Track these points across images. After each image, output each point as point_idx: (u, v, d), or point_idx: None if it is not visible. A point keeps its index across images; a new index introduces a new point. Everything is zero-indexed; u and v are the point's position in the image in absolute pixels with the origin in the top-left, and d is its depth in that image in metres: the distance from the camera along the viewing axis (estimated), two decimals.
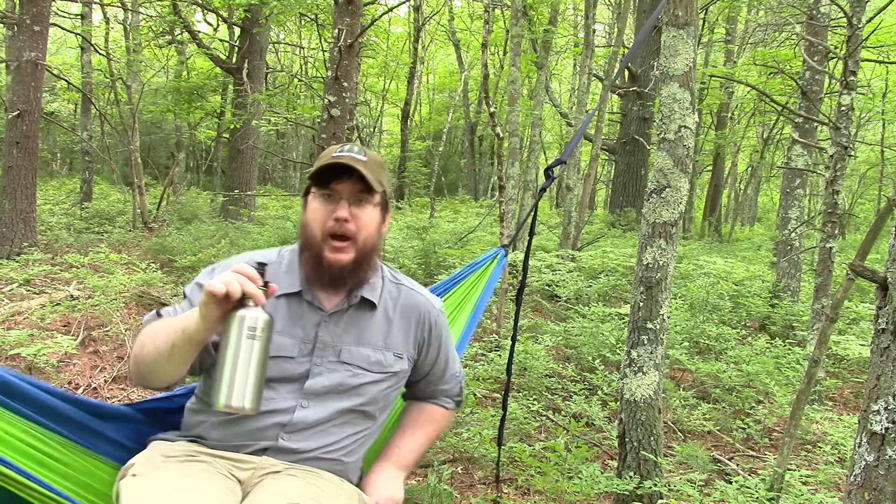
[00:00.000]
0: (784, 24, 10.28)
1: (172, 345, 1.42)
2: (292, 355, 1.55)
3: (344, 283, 1.58)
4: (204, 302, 1.35)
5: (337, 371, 1.57)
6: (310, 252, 1.58)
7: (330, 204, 1.56)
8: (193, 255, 7.49)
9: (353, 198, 1.56)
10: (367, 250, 1.59)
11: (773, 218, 18.82)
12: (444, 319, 1.79)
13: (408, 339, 1.68)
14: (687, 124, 2.74)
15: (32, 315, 4.80)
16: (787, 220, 6.74)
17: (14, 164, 7.00)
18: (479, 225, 11.07)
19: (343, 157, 1.54)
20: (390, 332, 1.66)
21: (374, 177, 1.55)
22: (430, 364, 1.76)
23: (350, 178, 1.54)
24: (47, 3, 7.20)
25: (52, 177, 18.23)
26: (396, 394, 1.74)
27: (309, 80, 14.37)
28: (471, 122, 20.85)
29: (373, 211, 1.59)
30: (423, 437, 1.78)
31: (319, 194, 1.57)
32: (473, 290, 2.29)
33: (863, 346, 4.61)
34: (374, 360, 1.61)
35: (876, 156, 15.00)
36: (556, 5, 10.82)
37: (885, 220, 2.79)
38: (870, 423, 1.32)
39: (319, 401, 1.55)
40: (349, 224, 1.54)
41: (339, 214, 1.53)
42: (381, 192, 1.59)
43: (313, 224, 1.56)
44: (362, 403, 1.60)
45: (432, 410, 1.81)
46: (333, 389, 1.57)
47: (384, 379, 1.63)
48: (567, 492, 2.86)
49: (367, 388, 1.61)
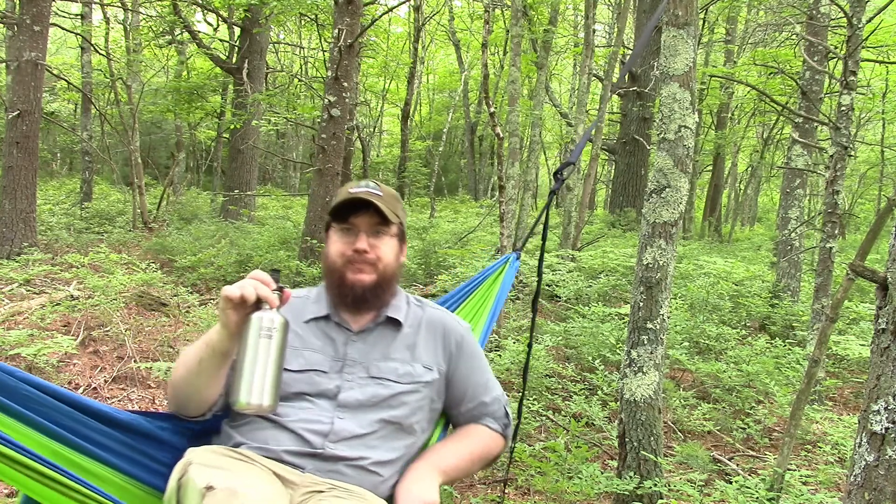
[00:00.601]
0: (784, 24, 10.29)
1: (200, 360, 1.49)
2: (325, 370, 1.62)
3: (367, 303, 1.66)
4: (222, 308, 1.44)
5: (368, 385, 1.62)
6: (332, 277, 1.67)
7: (349, 237, 1.65)
8: (193, 255, 7.49)
9: (371, 230, 1.65)
10: (388, 276, 1.67)
11: (773, 218, 18.82)
12: (472, 339, 1.81)
13: (436, 351, 1.72)
14: (687, 124, 2.74)
15: (32, 315, 4.80)
16: (787, 220, 6.74)
17: (14, 164, 7.01)
18: (479, 225, 11.07)
19: (360, 192, 1.63)
20: (416, 346, 1.70)
21: (390, 209, 1.64)
22: (465, 380, 1.75)
23: (367, 212, 1.63)
24: (47, 3, 7.20)
25: (52, 177, 18.24)
26: (435, 410, 1.71)
27: (309, 80, 14.37)
28: (471, 122, 20.85)
29: (390, 241, 1.68)
30: (465, 449, 1.70)
31: (339, 229, 1.67)
32: (488, 297, 2.30)
33: (863, 346, 4.61)
34: (403, 371, 1.65)
35: (876, 156, 15.00)
36: (556, 5, 10.82)
37: (885, 220, 2.79)
38: (870, 423, 1.32)
39: (355, 413, 1.59)
40: (368, 254, 1.63)
41: (357, 246, 1.63)
42: (397, 224, 1.68)
43: (334, 255, 1.66)
44: (399, 415, 1.61)
45: (477, 428, 1.77)
46: (367, 402, 1.60)
47: (416, 389, 1.65)
48: (567, 492, 2.86)
49: (400, 398, 1.63)
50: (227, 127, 12.62)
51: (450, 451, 1.68)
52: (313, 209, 7.03)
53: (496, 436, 1.76)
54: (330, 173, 6.90)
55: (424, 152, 21.36)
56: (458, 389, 1.74)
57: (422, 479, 1.55)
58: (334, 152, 6.89)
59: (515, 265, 2.36)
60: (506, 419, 1.79)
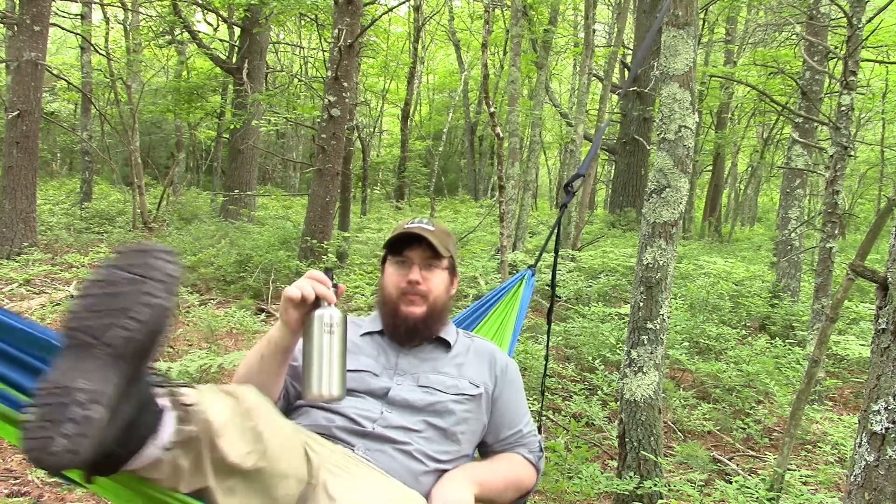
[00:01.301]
0: (784, 24, 10.28)
1: (261, 356, 1.58)
2: (377, 373, 1.72)
3: (418, 333, 1.77)
4: (283, 308, 1.52)
5: (415, 392, 1.70)
6: (386, 308, 1.79)
7: (403, 269, 1.77)
8: (193, 255, 7.50)
9: (424, 263, 1.77)
10: (438, 308, 1.78)
11: (773, 218, 18.82)
12: (516, 369, 1.89)
13: (482, 372, 1.80)
14: (687, 124, 2.74)
15: (32, 315, 4.80)
16: (787, 220, 6.74)
17: (14, 164, 7.01)
18: (479, 225, 11.07)
19: (413, 227, 1.76)
20: (464, 365, 1.79)
21: (442, 244, 1.76)
22: (508, 404, 1.81)
23: (420, 246, 1.76)
24: (47, 3, 7.20)
25: (52, 177, 18.23)
26: (479, 427, 1.76)
27: (309, 80, 14.37)
28: (471, 122, 20.85)
29: (442, 274, 1.80)
30: (500, 469, 1.74)
31: (394, 261, 1.79)
32: (509, 315, 2.37)
33: (863, 346, 4.61)
34: (451, 384, 1.73)
35: (876, 156, 15.00)
36: (556, 5, 10.82)
37: (885, 220, 2.79)
38: (870, 423, 1.32)
39: (402, 411, 1.66)
40: (421, 286, 1.75)
41: (411, 277, 1.74)
42: (448, 258, 1.80)
43: (389, 286, 1.78)
44: (444, 423, 1.67)
45: (512, 455, 1.81)
46: (414, 404, 1.67)
47: (462, 401, 1.71)
48: (567, 492, 2.86)
49: (447, 405, 1.69)
50: (227, 127, 12.62)
51: (484, 467, 1.73)
52: (313, 209, 7.02)
53: (529, 466, 1.80)
54: (330, 173, 6.90)
55: (424, 152, 21.36)
56: (500, 412, 1.80)
57: (458, 482, 1.60)
58: (334, 152, 6.89)
59: (531, 282, 2.41)
60: (540, 453, 1.83)
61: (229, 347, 4.70)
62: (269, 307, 6.23)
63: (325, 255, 6.78)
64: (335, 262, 6.93)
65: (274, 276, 6.88)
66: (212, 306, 5.36)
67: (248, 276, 6.96)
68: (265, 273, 6.94)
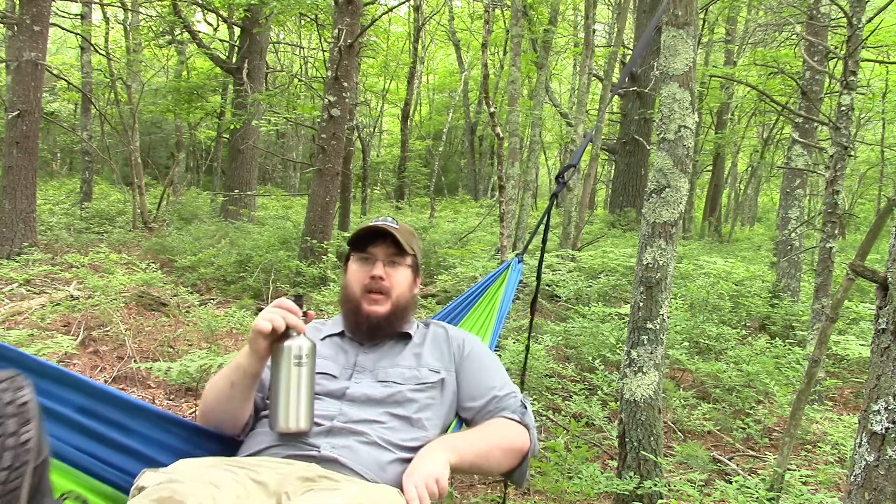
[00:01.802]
0: (784, 24, 10.28)
1: (231, 382, 1.60)
2: (335, 374, 1.72)
3: (381, 331, 1.77)
4: (252, 339, 1.53)
5: (375, 387, 1.69)
6: (349, 306, 1.79)
7: (367, 265, 1.78)
8: (193, 255, 7.50)
9: (388, 259, 1.78)
10: (401, 306, 1.79)
11: (773, 218, 18.81)
12: (477, 342, 1.89)
13: (441, 357, 1.80)
14: (687, 124, 2.74)
15: (32, 315, 4.80)
16: (787, 220, 6.73)
17: (14, 164, 7.01)
18: (479, 225, 11.07)
19: (378, 224, 1.78)
20: (422, 355, 1.79)
21: (406, 241, 1.77)
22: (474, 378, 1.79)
23: (384, 242, 1.77)
24: (47, 3, 7.20)
25: (52, 177, 18.23)
26: (446, 410, 1.73)
27: (309, 80, 14.37)
28: (471, 122, 20.84)
29: (405, 271, 1.81)
30: (479, 432, 1.69)
31: (358, 258, 1.80)
32: (494, 303, 2.35)
33: (863, 346, 4.60)
34: (409, 375, 1.73)
35: (876, 156, 15.00)
36: (556, 5, 10.82)
37: (885, 220, 2.79)
38: (870, 423, 1.32)
39: (361, 405, 1.66)
40: (384, 282, 1.75)
41: (374, 273, 1.75)
42: (412, 255, 1.81)
43: (352, 283, 1.79)
44: (406, 412, 1.66)
45: (494, 419, 1.76)
46: (374, 397, 1.67)
47: (423, 389, 1.71)
48: (567, 492, 2.86)
49: (406, 395, 1.68)
50: (227, 127, 12.62)
51: (461, 435, 1.71)
52: (313, 209, 7.02)
53: (515, 424, 1.73)
54: (330, 173, 6.90)
55: (424, 152, 21.35)
56: (468, 386, 1.78)
57: (430, 456, 1.53)
58: (334, 152, 6.89)
59: (518, 269, 2.38)
60: (523, 409, 1.77)
61: (229, 347, 4.70)
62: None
63: (325, 255, 6.78)
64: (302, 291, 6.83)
65: (274, 276, 6.88)
66: (212, 306, 5.36)
67: (248, 276, 6.96)
68: (265, 273, 6.94)
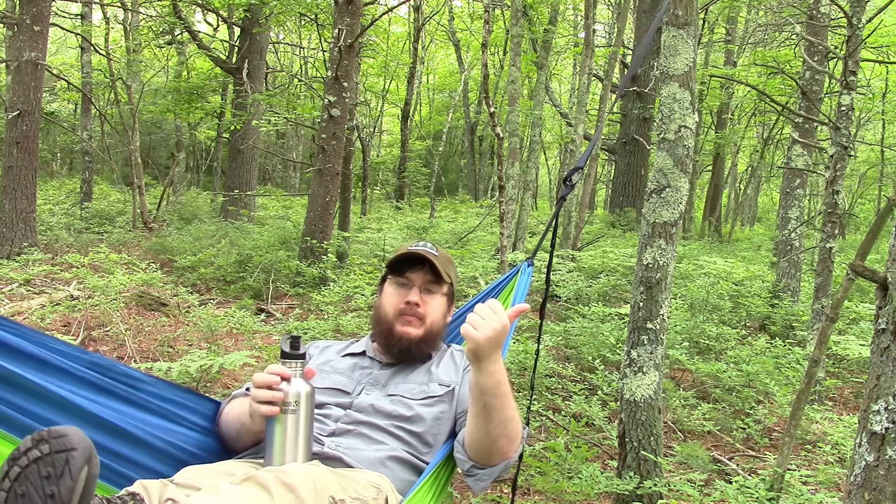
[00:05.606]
0: (784, 24, 10.28)
1: (241, 424, 1.63)
2: (348, 390, 1.72)
3: (410, 355, 1.76)
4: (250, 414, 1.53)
5: (382, 400, 1.70)
6: (381, 327, 1.78)
7: (403, 290, 1.77)
8: (193, 255, 7.50)
9: (424, 286, 1.77)
10: (434, 332, 1.78)
11: (773, 218, 18.81)
12: None
13: (455, 371, 1.79)
14: (687, 124, 2.74)
15: (32, 315, 4.80)
16: (787, 220, 6.73)
17: (14, 164, 7.01)
18: (479, 225, 11.07)
19: (418, 250, 1.77)
20: (435, 371, 1.79)
21: (444, 269, 1.77)
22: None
23: (423, 268, 1.77)
24: (47, 3, 7.20)
25: (52, 177, 18.23)
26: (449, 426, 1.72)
27: (309, 80, 14.37)
28: (471, 122, 20.84)
29: (441, 299, 1.80)
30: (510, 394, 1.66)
31: (394, 281, 1.79)
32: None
33: (863, 346, 4.60)
34: (419, 390, 1.73)
35: (876, 156, 15.00)
36: (556, 5, 10.82)
37: (885, 220, 2.79)
38: (870, 423, 1.32)
39: (366, 414, 1.67)
40: (419, 308, 1.75)
41: (410, 298, 1.74)
42: (448, 284, 1.81)
43: (387, 306, 1.78)
44: (412, 423, 1.67)
45: None
46: (381, 409, 1.67)
47: (432, 403, 1.71)
48: (567, 492, 2.86)
49: (414, 408, 1.68)
50: (227, 127, 12.62)
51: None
52: (313, 209, 7.02)
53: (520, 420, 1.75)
54: (330, 173, 6.90)
55: (424, 152, 21.36)
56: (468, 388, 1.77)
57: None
58: (334, 152, 6.89)
59: (528, 273, 2.36)
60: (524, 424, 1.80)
61: (229, 347, 4.70)
62: (269, 307, 6.23)
63: (326, 255, 6.78)
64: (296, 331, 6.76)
65: (274, 276, 6.88)
66: (212, 306, 5.36)
67: (248, 276, 6.96)
68: (265, 273, 6.94)
